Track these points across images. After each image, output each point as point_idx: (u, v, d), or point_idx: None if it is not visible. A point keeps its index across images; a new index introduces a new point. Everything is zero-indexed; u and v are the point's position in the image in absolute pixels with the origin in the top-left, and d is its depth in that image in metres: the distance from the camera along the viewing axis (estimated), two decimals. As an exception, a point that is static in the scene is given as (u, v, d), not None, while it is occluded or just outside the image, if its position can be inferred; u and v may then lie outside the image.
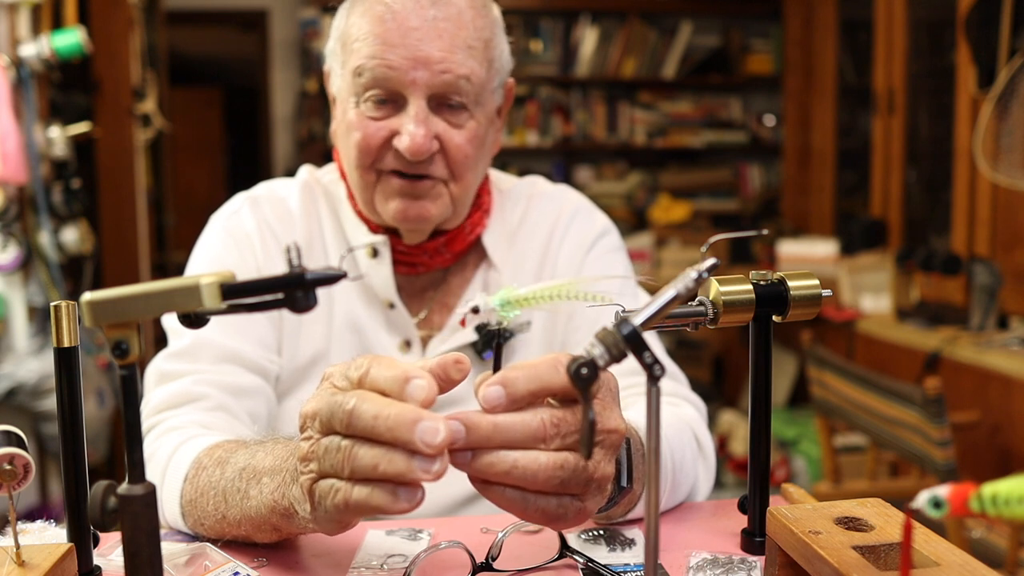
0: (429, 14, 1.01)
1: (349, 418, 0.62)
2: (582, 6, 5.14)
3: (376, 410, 0.61)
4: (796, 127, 4.93)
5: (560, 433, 0.65)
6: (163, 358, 1.07)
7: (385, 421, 0.61)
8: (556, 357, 0.66)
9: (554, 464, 0.64)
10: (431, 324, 1.15)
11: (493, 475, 0.65)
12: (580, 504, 0.68)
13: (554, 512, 0.67)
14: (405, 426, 0.60)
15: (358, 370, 0.65)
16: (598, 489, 0.68)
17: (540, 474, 0.64)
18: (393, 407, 0.61)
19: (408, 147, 1.01)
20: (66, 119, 2.78)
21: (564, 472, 0.65)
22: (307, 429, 0.67)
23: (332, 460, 0.63)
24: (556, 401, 0.67)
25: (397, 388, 0.63)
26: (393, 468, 0.61)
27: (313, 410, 0.66)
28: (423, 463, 0.61)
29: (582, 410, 0.61)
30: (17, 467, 0.70)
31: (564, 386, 0.65)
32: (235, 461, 0.83)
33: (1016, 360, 2.68)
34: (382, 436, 0.61)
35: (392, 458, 0.61)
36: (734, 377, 4.61)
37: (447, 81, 1.02)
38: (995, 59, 2.70)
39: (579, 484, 0.66)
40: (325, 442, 0.64)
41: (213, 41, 7.78)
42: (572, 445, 0.66)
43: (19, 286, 2.59)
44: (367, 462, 0.61)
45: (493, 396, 0.65)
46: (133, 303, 0.57)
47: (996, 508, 0.48)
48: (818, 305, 0.78)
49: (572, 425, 0.66)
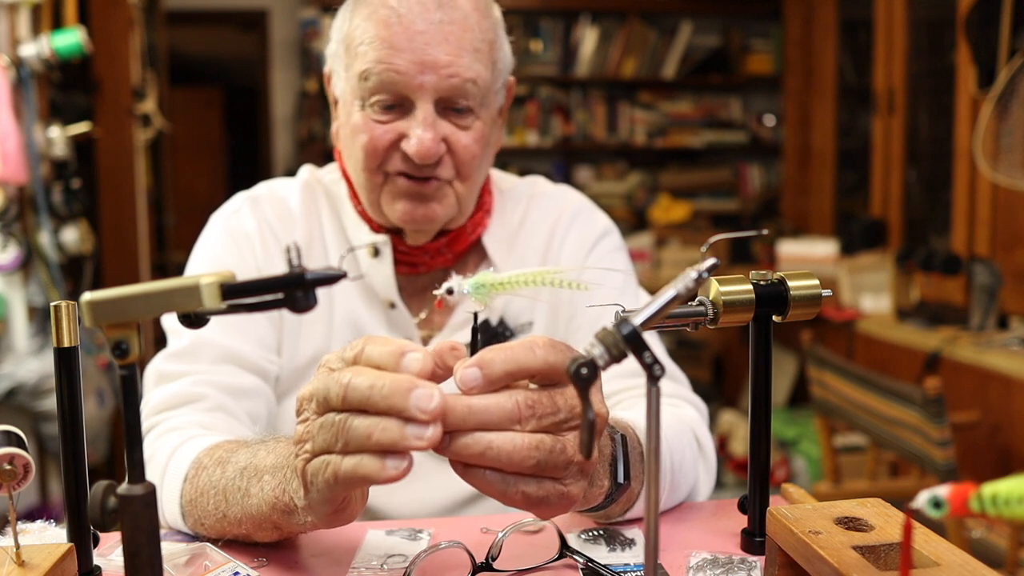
0: (435, 17, 1.01)
1: (345, 391, 0.63)
2: (582, 6, 5.14)
3: (371, 380, 0.62)
4: (796, 127, 4.93)
5: (536, 414, 0.65)
6: (162, 358, 1.07)
7: (380, 390, 0.61)
8: (533, 339, 0.66)
9: (529, 445, 0.65)
10: (432, 324, 1.15)
11: (469, 456, 0.65)
12: (562, 488, 0.68)
13: (535, 495, 0.67)
14: (400, 393, 0.61)
15: (353, 350, 0.66)
16: (580, 473, 0.68)
17: (515, 455, 0.64)
18: (387, 376, 0.62)
19: (417, 151, 1.01)
20: (66, 119, 2.78)
21: (540, 453, 0.65)
22: (304, 411, 0.68)
23: (326, 436, 0.64)
24: (534, 383, 0.67)
25: (393, 361, 0.64)
26: (387, 436, 0.61)
27: (310, 392, 0.67)
28: (417, 429, 0.61)
29: (582, 410, 0.61)
30: (17, 467, 0.70)
31: (540, 367, 0.66)
32: (236, 460, 0.83)
33: (1016, 360, 2.68)
34: (377, 406, 0.62)
35: (386, 426, 0.61)
36: (734, 377, 4.61)
37: (454, 85, 1.02)
38: (995, 59, 2.70)
39: (558, 467, 0.66)
40: (321, 420, 0.65)
41: (213, 41, 7.78)
42: (548, 427, 0.66)
43: (19, 286, 2.59)
44: (361, 432, 0.62)
45: (470, 377, 0.65)
46: (133, 303, 0.57)
47: (996, 508, 0.48)
48: (818, 305, 0.78)
49: (548, 407, 0.66)
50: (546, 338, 0.67)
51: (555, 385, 0.67)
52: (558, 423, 0.66)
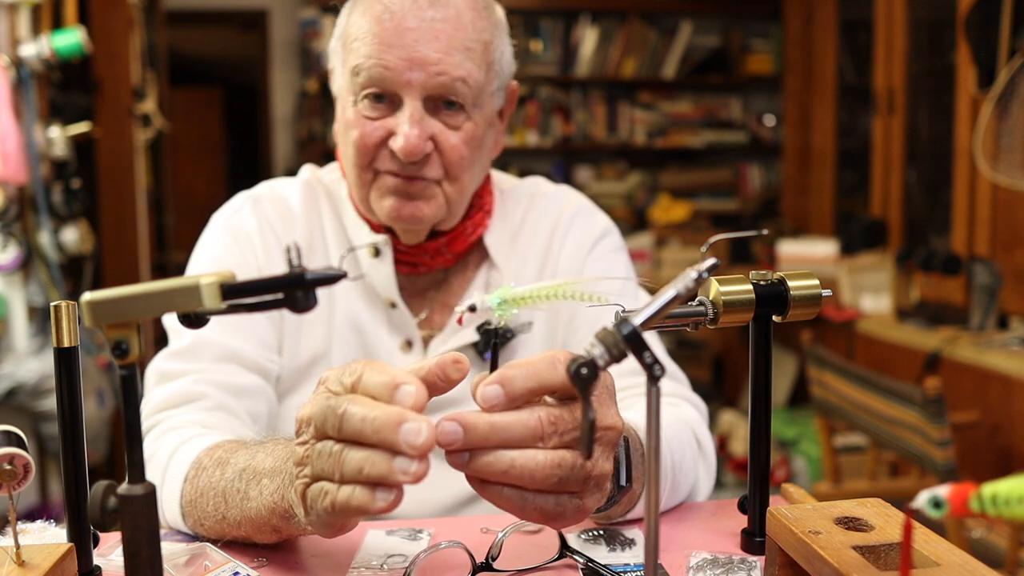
0: (427, 15, 1.01)
1: (340, 421, 0.63)
2: (582, 6, 5.14)
3: (363, 412, 0.62)
4: (796, 127, 4.93)
5: (558, 431, 0.65)
6: (163, 358, 1.07)
7: (372, 423, 0.61)
8: (554, 354, 0.66)
9: (552, 462, 0.65)
10: (432, 324, 1.15)
11: (491, 475, 0.65)
12: (579, 502, 0.68)
13: (552, 510, 0.67)
14: (390, 427, 0.61)
15: (352, 375, 0.65)
16: (596, 487, 0.68)
17: (538, 472, 0.64)
18: (379, 409, 0.62)
19: (402, 148, 1.02)
20: (66, 119, 2.78)
21: (562, 470, 0.65)
22: (303, 433, 0.67)
23: (324, 464, 0.64)
24: (554, 399, 0.67)
25: (387, 393, 0.63)
26: (376, 471, 0.61)
27: (308, 415, 0.66)
28: (403, 464, 0.61)
29: (582, 410, 0.61)
30: (17, 467, 0.70)
31: (562, 383, 0.65)
32: (235, 462, 0.83)
33: (1016, 360, 2.67)
34: (369, 438, 0.61)
35: (375, 460, 0.61)
36: (734, 377, 4.61)
37: (443, 83, 1.02)
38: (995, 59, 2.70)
39: (577, 482, 0.66)
40: (319, 446, 0.65)
41: (213, 41, 7.78)
42: (570, 443, 0.66)
43: (19, 286, 2.59)
44: (353, 465, 0.62)
45: (491, 395, 0.65)
46: (133, 303, 0.57)
47: (996, 508, 0.48)
48: (818, 305, 0.78)
49: (569, 423, 0.66)
50: (566, 352, 0.66)
51: (575, 399, 0.67)
52: (578, 439, 0.66)
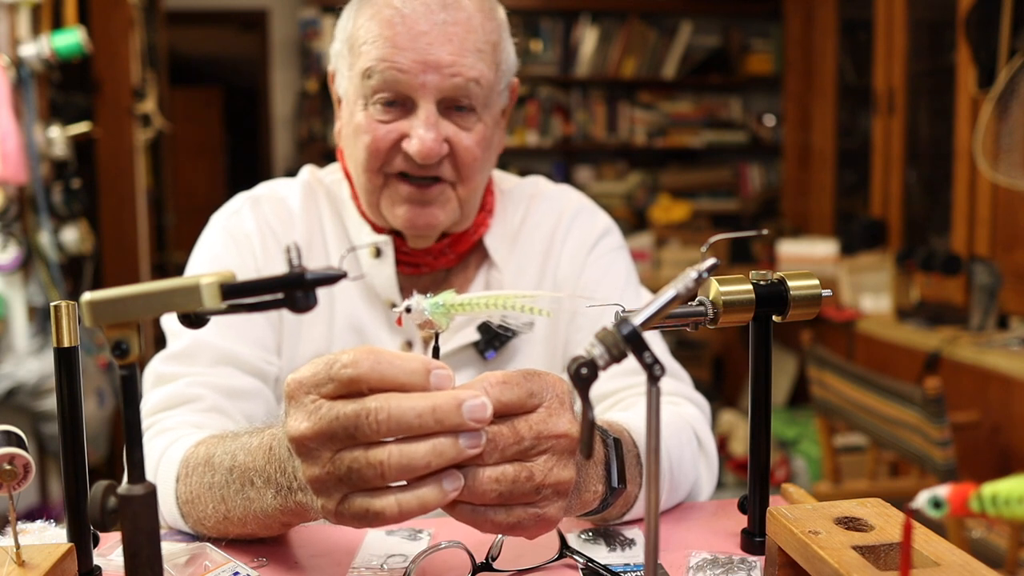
0: (439, 18, 1.01)
1: (382, 425, 0.61)
2: (582, 6, 5.15)
3: (414, 405, 0.61)
4: (796, 127, 4.93)
5: (498, 447, 0.66)
6: (160, 360, 1.07)
7: (433, 414, 0.61)
8: (484, 377, 0.67)
9: (489, 478, 0.65)
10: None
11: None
12: (536, 511, 0.68)
13: (505, 522, 0.67)
14: (453, 411, 0.61)
15: (347, 368, 0.63)
16: (556, 495, 0.68)
17: (477, 488, 0.65)
18: (430, 399, 0.62)
19: (418, 151, 1.01)
20: (66, 119, 2.78)
21: (501, 485, 0.66)
22: (310, 452, 0.64)
23: (361, 476, 0.62)
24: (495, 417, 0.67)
25: (420, 380, 0.63)
26: (445, 458, 0.62)
27: (311, 432, 0.63)
28: (470, 439, 0.62)
29: (582, 410, 0.61)
30: (17, 467, 0.70)
31: (496, 402, 0.65)
32: (220, 461, 0.82)
33: (1016, 360, 2.67)
34: (430, 429, 0.61)
35: (442, 449, 0.62)
36: (734, 377, 4.61)
37: (457, 85, 1.02)
38: (995, 59, 2.70)
39: (524, 494, 0.67)
40: (347, 461, 0.62)
41: (213, 41, 7.78)
42: (512, 456, 0.66)
43: (19, 286, 2.59)
44: (418, 461, 0.61)
45: None
46: (133, 303, 0.57)
47: (996, 508, 0.48)
48: (818, 305, 0.78)
49: (509, 437, 0.66)
50: (500, 374, 0.67)
51: (514, 416, 0.67)
52: (524, 451, 0.67)
